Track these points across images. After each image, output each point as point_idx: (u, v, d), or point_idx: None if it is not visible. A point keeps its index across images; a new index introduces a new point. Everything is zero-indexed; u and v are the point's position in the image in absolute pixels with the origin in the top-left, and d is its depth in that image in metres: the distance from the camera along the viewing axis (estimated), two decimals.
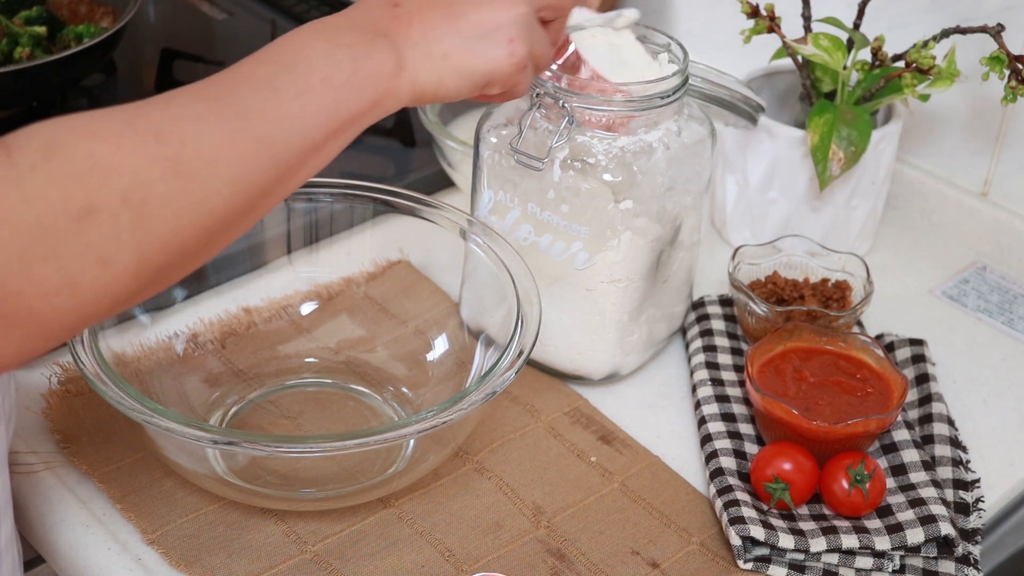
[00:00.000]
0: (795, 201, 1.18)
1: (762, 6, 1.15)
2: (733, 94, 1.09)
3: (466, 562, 0.89)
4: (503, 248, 0.98)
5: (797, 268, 1.12)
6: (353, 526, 0.91)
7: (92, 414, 0.97)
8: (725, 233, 1.24)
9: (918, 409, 1.03)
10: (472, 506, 0.94)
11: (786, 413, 0.93)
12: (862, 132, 1.11)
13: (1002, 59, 1.07)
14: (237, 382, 1.02)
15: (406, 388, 1.03)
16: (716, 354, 1.06)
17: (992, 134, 1.22)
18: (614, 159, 0.96)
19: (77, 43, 1.29)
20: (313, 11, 1.53)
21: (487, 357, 0.97)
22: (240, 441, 0.83)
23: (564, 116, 0.95)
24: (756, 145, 1.17)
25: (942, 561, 0.90)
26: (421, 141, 1.31)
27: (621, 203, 0.96)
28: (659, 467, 0.98)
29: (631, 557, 0.91)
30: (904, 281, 1.21)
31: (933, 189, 1.27)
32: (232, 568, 0.87)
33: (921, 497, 0.93)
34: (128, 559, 0.88)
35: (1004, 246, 1.23)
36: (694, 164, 1.00)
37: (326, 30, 0.73)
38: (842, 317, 1.05)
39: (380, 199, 1.03)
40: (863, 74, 1.14)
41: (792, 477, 0.92)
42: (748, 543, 0.90)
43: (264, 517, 0.91)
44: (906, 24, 1.20)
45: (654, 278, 1.02)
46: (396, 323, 1.07)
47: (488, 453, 0.98)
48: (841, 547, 0.89)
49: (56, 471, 0.94)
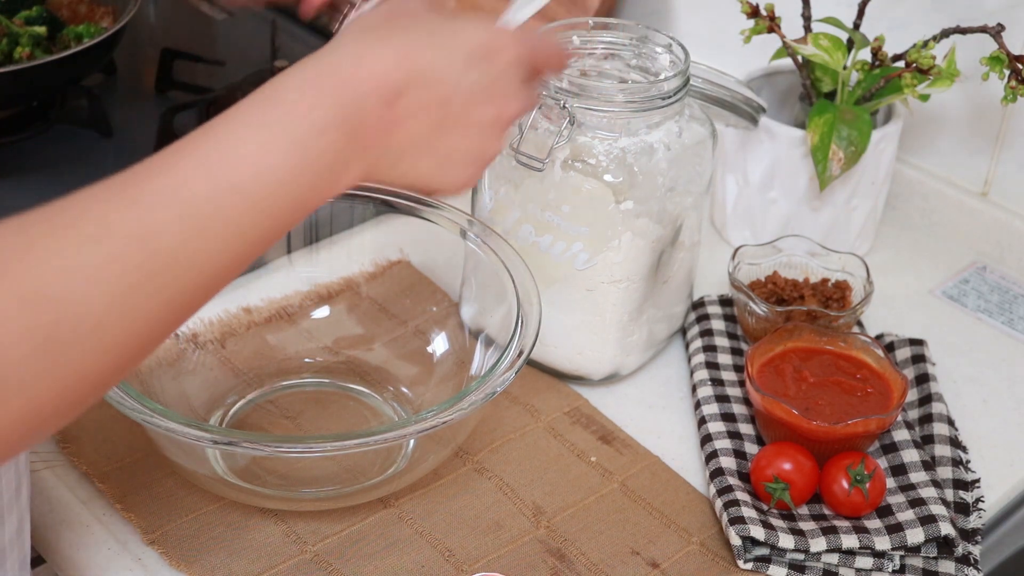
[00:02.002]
0: (795, 201, 1.18)
1: (762, 6, 1.15)
2: (734, 95, 1.09)
3: (466, 562, 0.89)
4: (503, 248, 0.98)
5: (797, 268, 1.12)
6: (353, 526, 0.91)
7: (92, 414, 0.97)
8: (725, 233, 1.24)
9: (918, 409, 1.03)
10: (472, 506, 0.94)
11: (786, 413, 0.93)
12: (862, 132, 1.11)
13: (1002, 59, 1.07)
14: (237, 382, 1.02)
15: (406, 388, 1.03)
16: (716, 354, 1.06)
17: (992, 134, 1.22)
18: (615, 160, 0.96)
19: (77, 43, 1.29)
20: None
21: (487, 357, 0.97)
22: (240, 441, 0.83)
23: (565, 116, 0.95)
24: (756, 145, 1.17)
25: (942, 561, 0.90)
26: None
27: (622, 204, 0.96)
28: (659, 467, 0.98)
29: (631, 557, 0.91)
30: (904, 281, 1.21)
31: (933, 189, 1.27)
32: (232, 568, 0.87)
33: (921, 497, 0.93)
34: (128, 559, 0.88)
35: (1004, 246, 1.23)
36: (695, 165, 1.00)
37: (280, 116, 0.63)
38: (842, 317, 1.05)
39: (380, 199, 1.03)
40: (863, 74, 1.14)
41: (792, 477, 0.92)
42: (748, 543, 0.90)
43: (264, 517, 0.91)
44: (906, 24, 1.20)
45: (654, 278, 1.02)
46: (396, 323, 1.07)
47: (488, 453, 0.98)
48: (841, 547, 0.89)
49: (56, 471, 0.94)
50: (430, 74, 0.68)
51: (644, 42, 1.02)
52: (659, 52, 1.02)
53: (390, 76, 0.66)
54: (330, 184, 0.65)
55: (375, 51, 0.67)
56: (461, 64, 0.69)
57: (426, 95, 0.68)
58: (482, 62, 0.70)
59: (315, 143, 0.64)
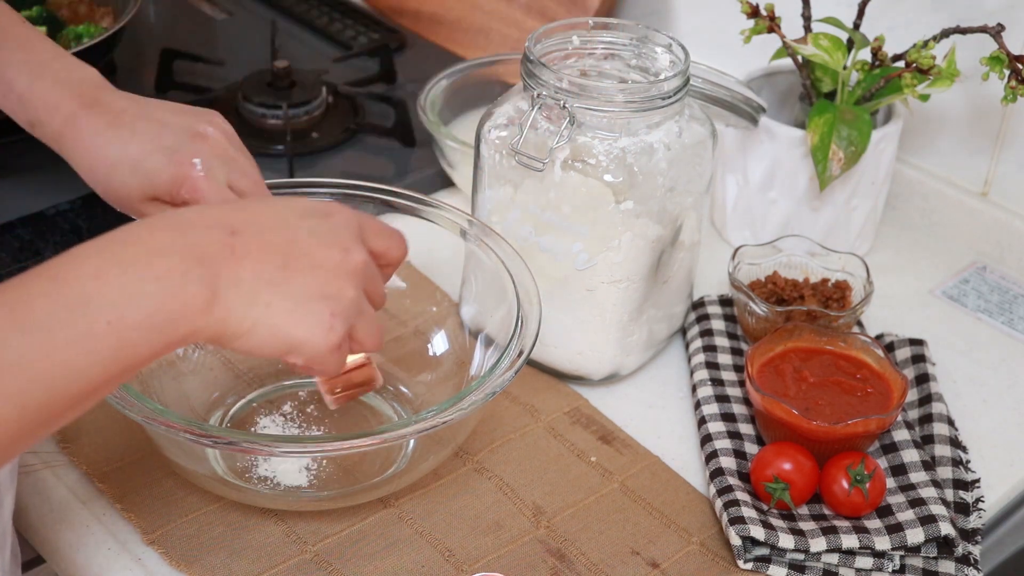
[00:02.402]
0: (795, 201, 1.18)
1: (762, 6, 1.15)
2: (734, 95, 1.09)
3: (466, 562, 0.89)
4: (503, 248, 0.98)
5: (797, 268, 1.12)
6: (353, 526, 0.91)
7: (92, 414, 0.97)
8: (725, 233, 1.24)
9: (918, 409, 1.03)
10: (472, 506, 0.94)
11: (786, 413, 0.93)
12: (862, 132, 1.11)
13: (1002, 59, 1.07)
14: (237, 382, 1.02)
15: (406, 388, 1.03)
16: (716, 354, 1.06)
17: (992, 134, 1.22)
18: (615, 160, 0.96)
19: (77, 43, 1.29)
20: (313, 11, 1.54)
21: (487, 357, 0.97)
22: (240, 441, 0.83)
23: (565, 116, 0.95)
24: (756, 145, 1.17)
25: (942, 561, 0.90)
26: (421, 141, 1.31)
27: (622, 204, 0.96)
28: (659, 467, 0.98)
29: (631, 557, 0.91)
30: (904, 281, 1.21)
31: (933, 189, 1.27)
32: (232, 568, 0.87)
33: (921, 497, 0.93)
34: (128, 559, 0.88)
35: (1004, 246, 1.23)
36: (695, 165, 1.00)
37: (135, 253, 0.65)
38: (842, 317, 1.05)
39: (380, 199, 1.03)
40: (863, 74, 1.14)
41: (792, 477, 0.92)
42: (748, 543, 0.90)
43: (264, 517, 0.91)
44: (906, 24, 1.20)
45: (654, 278, 1.02)
46: (396, 323, 1.07)
47: (488, 453, 0.98)
48: (841, 547, 0.89)
49: (56, 471, 0.94)
50: (264, 220, 0.71)
51: (644, 42, 1.02)
52: (659, 52, 1.02)
53: (226, 217, 0.70)
54: (177, 313, 0.66)
55: (214, 208, 0.72)
56: (296, 217, 0.72)
57: (263, 238, 0.70)
58: (318, 216, 0.73)
59: (151, 270, 0.65)
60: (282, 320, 0.70)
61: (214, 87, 1.37)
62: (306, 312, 0.70)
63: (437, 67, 1.32)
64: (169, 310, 0.65)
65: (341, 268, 0.72)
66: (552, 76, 0.96)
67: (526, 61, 0.97)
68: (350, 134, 1.32)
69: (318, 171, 1.27)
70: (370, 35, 1.50)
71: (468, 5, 1.51)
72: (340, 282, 0.72)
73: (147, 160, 0.86)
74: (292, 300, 0.70)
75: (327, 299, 0.71)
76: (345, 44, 1.49)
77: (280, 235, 0.71)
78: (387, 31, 1.51)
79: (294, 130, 1.29)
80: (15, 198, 1.18)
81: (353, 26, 1.52)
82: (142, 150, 0.86)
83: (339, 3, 1.57)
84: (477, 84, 1.31)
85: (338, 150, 1.31)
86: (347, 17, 1.54)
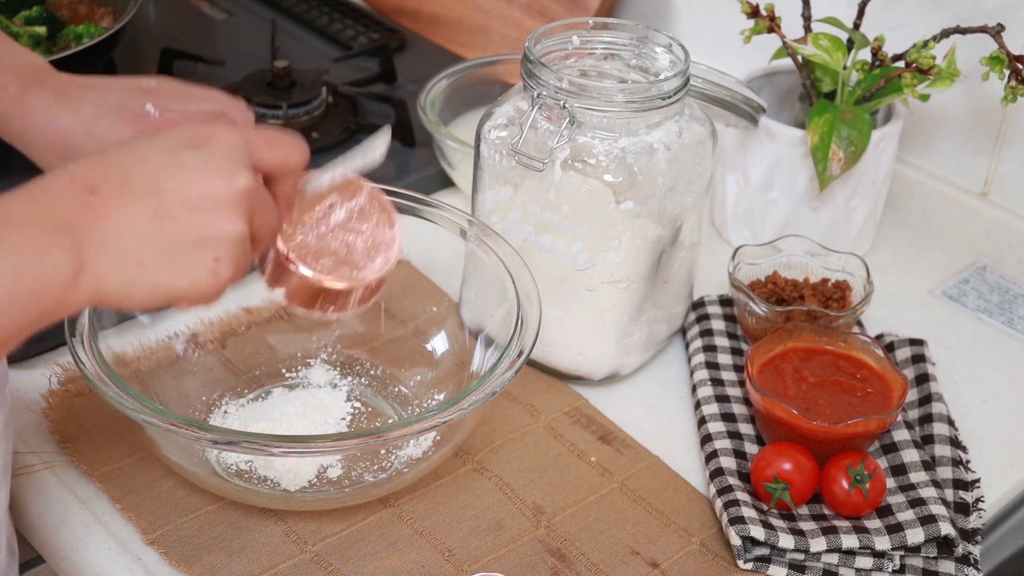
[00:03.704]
0: (795, 201, 1.18)
1: (762, 6, 1.15)
2: (734, 95, 1.09)
3: (466, 562, 0.89)
4: (503, 248, 0.98)
5: (797, 268, 1.12)
6: (353, 526, 0.91)
7: (92, 414, 0.97)
8: (725, 233, 1.24)
9: (918, 409, 1.03)
10: (472, 506, 0.94)
11: (786, 413, 0.93)
12: (862, 132, 1.11)
13: (1002, 59, 1.07)
14: (237, 382, 1.02)
15: (406, 388, 1.03)
16: (716, 354, 1.07)
17: (992, 134, 1.22)
18: (615, 160, 0.96)
19: (77, 43, 1.29)
20: (313, 11, 1.54)
21: (487, 357, 0.97)
22: (240, 441, 0.83)
23: (565, 116, 0.95)
24: (756, 145, 1.17)
25: (942, 561, 0.90)
26: (421, 141, 1.31)
27: (622, 204, 0.96)
28: (659, 467, 0.98)
29: (631, 557, 0.91)
30: (904, 281, 1.21)
31: (933, 189, 1.27)
32: (232, 568, 0.87)
33: (921, 497, 0.93)
34: (128, 559, 0.88)
35: (1004, 246, 1.24)
36: (695, 165, 1.00)
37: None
38: (842, 317, 1.05)
39: None
40: (863, 74, 1.14)
41: (792, 477, 0.92)
42: (748, 543, 0.90)
43: (264, 517, 0.91)
44: (906, 24, 1.20)
45: (654, 278, 1.02)
46: (396, 323, 1.07)
47: (488, 453, 0.98)
48: (841, 547, 0.89)
49: (56, 471, 0.94)
50: (127, 167, 0.67)
51: (644, 42, 1.02)
52: (659, 52, 1.02)
53: (84, 174, 0.66)
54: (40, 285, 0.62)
55: (73, 164, 0.67)
56: (164, 154, 0.68)
57: (127, 188, 0.66)
58: (193, 149, 0.68)
59: (8, 242, 0.62)
60: (160, 275, 0.66)
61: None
62: (187, 262, 0.67)
63: (437, 67, 1.32)
64: (28, 286, 0.62)
65: (223, 201, 0.67)
66: (552, 76, 0.96)
67: (526, 61, 0.97)
68: (350, 134, 1.32)
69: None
70: (370, 35, 1.50)
71: (468, 5, 1.51)
72: (221, 220, 0.67)
73: (99, 121, 0.82)
74: (168, 251, 0.66)
75: (208, 242, 0.67)
76: (345, 44, 1.49)
77: (146, 181, 0.66)
78: (387, 31, 1.51)
79: (294, 130, 1.29)
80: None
81: (353, 26, 1.52)
82: (92, 114, 0.82)
83: (339, 3, 1.57)
84: (477, 84, 1.31)
85: (338, 150, 1.31)
86: (347, 17, 1.54)
